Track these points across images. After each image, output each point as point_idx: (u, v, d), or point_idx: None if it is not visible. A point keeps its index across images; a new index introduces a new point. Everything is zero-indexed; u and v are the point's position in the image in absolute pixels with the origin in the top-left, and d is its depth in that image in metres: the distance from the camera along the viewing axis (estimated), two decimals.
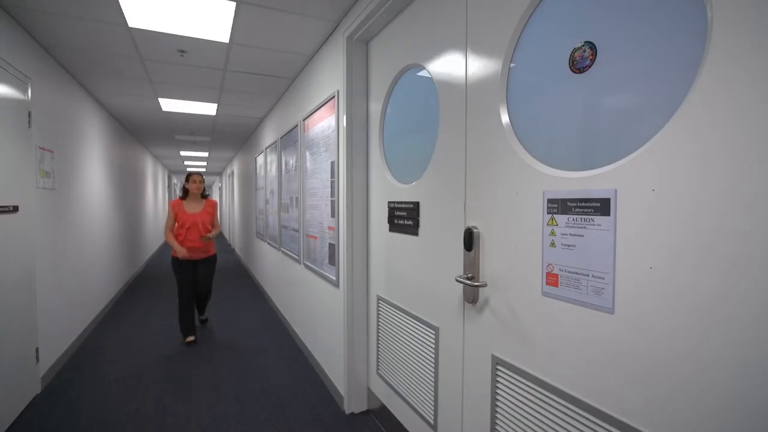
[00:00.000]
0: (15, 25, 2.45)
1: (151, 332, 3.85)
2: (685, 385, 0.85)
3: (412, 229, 1.84)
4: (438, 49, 1.64)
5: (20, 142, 2.45)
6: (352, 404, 2.40)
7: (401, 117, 2.00)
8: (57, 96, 3.14)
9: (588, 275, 1.05)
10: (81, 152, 3.76)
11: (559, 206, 1.13)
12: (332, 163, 2.55)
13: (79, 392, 2.66)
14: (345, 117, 2.31)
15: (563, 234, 1.12)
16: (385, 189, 2.13)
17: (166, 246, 11.37)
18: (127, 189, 5.98)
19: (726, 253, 0.78)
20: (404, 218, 1.92)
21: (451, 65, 1.56)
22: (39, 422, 2.31)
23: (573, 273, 1.09)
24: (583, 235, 1.06)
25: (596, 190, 1.03)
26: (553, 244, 1.15)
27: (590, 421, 1.04)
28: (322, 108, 2.74)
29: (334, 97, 2.49)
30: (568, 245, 1.10)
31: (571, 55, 1.11)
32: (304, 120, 3.20)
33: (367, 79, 2.32)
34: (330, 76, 2.62)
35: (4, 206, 2.23)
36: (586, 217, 1.06)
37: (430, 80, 1.71)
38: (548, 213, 1.17)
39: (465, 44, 1.48)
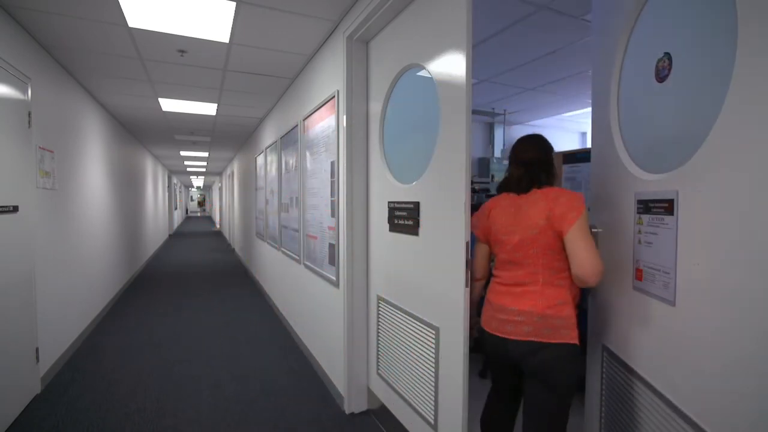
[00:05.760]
0: (15, 25, 2.45)
1: (151, 332, 3.85)
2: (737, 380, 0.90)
3: (413, 229, 1.84)
4: (438, 49, 1.64)
5: (20, 142, 2.45)
6: (353, 404, 2.40)
7: (401, 117, 2.00)
8: (57, 96, 3.14)
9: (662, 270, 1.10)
10: (81, 152, 3.76)
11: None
12: (332, 163, 2.55)
13: (79, 392, 2.66)
14: (345, 117, 2.31)
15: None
16: (385, 189, 2.13)
17: (166, 245, 10.54)
18: (127, 189, 5.98)
19: None
20: (404, 218, 1.92)
21: (451, 65, 1.56)
22: (39, 422, 2.31)
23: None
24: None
25: (663, 192, 1.09)
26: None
27: None
28: (322, 108, 2.74)
29: (334, 97, 2.48)
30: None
31: (656, 66, 1.16)
32: (304, 120, 3.20)
33: (367, 79, 2.32)
34: (330, 76, 2.62)
35: (4, 206, 2.23)
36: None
37: (430, 80, 1.71)
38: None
39: (465, 44, 1.48)
